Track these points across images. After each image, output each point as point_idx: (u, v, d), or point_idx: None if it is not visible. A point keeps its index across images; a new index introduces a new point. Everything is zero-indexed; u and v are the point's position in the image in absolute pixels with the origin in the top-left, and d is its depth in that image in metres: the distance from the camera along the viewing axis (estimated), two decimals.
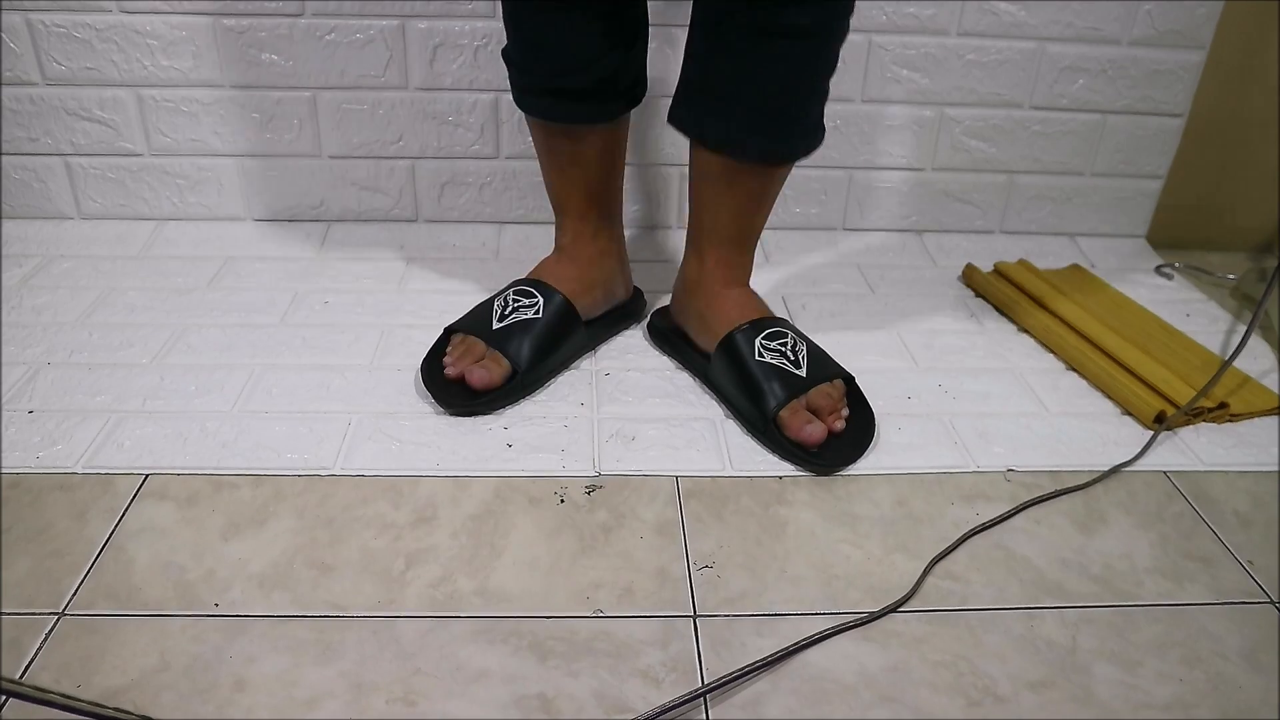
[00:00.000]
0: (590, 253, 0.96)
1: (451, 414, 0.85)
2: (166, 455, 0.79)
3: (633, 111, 0.92)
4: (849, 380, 0.87)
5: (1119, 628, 0.67)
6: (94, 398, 0.86)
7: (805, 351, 0.86)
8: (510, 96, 0.90)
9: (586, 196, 0.94)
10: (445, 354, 0.90)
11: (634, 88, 0.91)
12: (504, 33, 0.88)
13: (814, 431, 0.80)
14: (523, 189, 1.18)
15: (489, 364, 0.86)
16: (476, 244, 1.17)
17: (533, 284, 0.92)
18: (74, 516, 0.72)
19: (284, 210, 1.18)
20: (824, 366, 0.85)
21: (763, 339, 0.85)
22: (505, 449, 0.81)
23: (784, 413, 0.81)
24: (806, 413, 0.82)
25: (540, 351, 0.88)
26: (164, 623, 0.64)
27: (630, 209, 1.20)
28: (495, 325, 0.89)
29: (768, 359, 0.84)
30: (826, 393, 0.84)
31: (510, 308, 0.90)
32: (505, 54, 0.89)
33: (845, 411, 0.84)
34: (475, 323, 0.91)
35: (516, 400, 0.87)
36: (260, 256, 1.12)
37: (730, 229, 0.88)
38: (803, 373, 0.83)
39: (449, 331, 0.91)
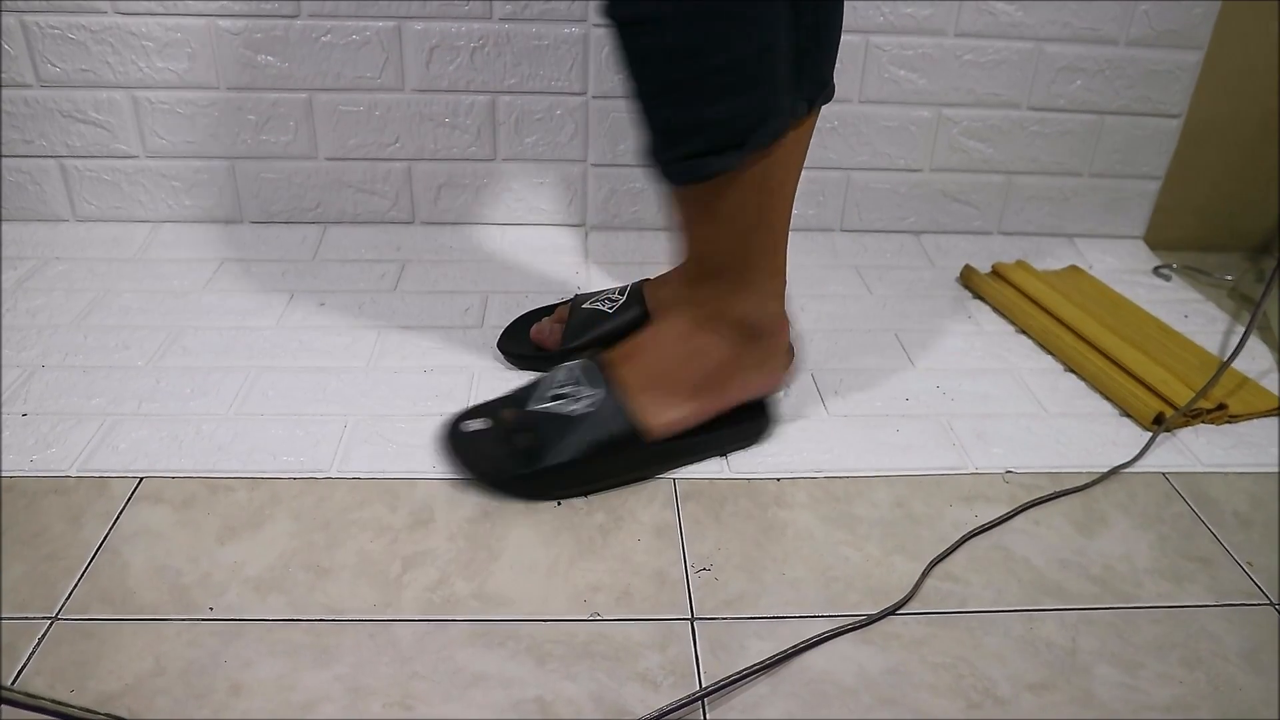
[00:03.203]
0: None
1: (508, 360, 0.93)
2: (162, 458, 0.79)
3: None
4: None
5: (1119, 629, 0.67)
6: (89, 400, 0.85)
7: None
8: (505, 100, 0.90)
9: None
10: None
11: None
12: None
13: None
14: (519, 191, 1.18)
15: (554, 326, 0.92)
16: (473, 246, 1.17)
17: (630, 290, 0.94)
18: (68, 520, 0.72)
19: (280, 212, 1.18)
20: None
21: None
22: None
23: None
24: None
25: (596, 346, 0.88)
26: (159, 627, 0.64)
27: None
28: (583, 305, 0.94)
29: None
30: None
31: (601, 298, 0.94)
32: None
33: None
34: (580, 295, 0.95)
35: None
36: (256, 259, 1.12)
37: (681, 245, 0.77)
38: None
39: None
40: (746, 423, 0.83)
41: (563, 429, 0.76)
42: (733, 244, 0.72)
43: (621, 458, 0.77)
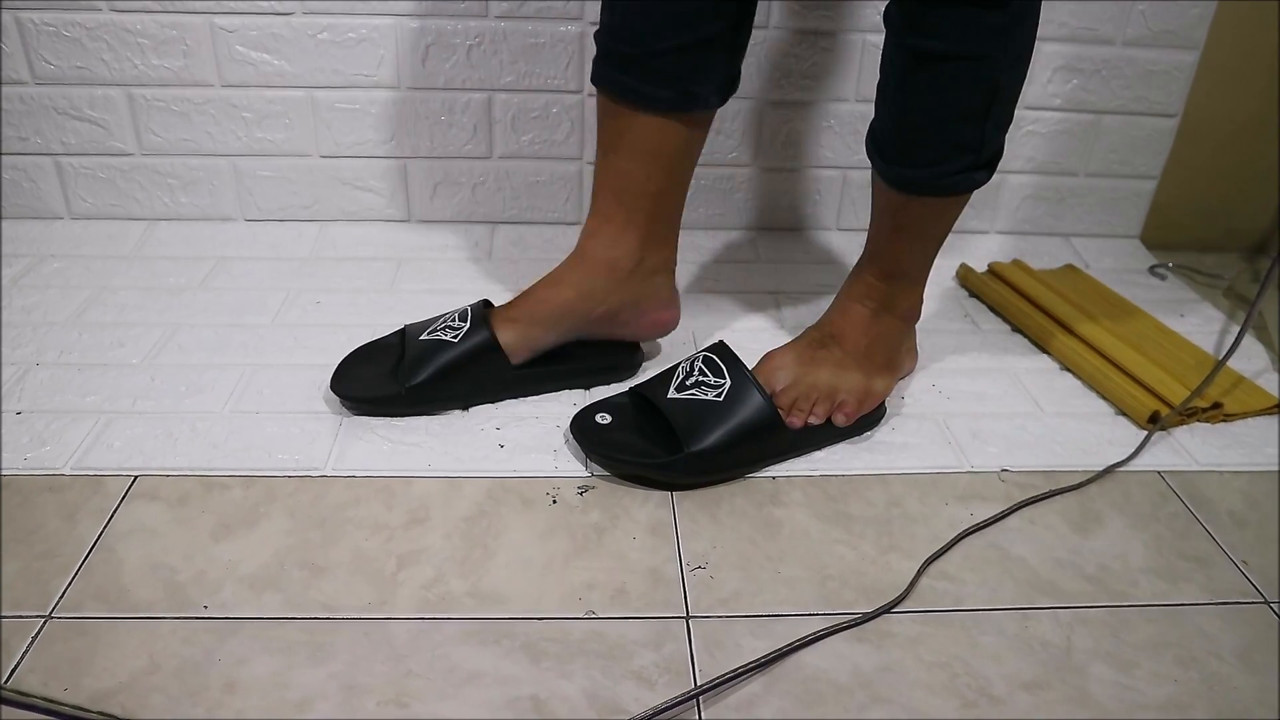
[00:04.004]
0: (602, 258, 0.86)
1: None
2: (157, 456, 0.79)
3: None
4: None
5: (1114, 628, 0.67)
6: (84, 398, 0.85)
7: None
8: (502, 98, 0.89)
9: (615, 195, 0.85)
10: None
11: (695, 83, 0.81)
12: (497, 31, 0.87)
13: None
14: (515, 189, 1.18)
15: None
16: (469, 244, 1.16)
17: (473, 311, 0.88)
18: (63, 518, 0.72)
19: (276, 210, 1.17)
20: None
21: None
22: (498, 450, 0.81)
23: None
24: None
25: (440, 377, 0.84)
26: (154, 624, 0.63)
27: None
28: (421, 335, 0.87)
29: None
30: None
31: (440, 325, 0.88)
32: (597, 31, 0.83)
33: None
34: (414, 326, 0.89)
35: (401, 414, 0.85)
36: (252, 256, 1.12)
37: (873, 249, 0.87)
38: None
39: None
40: (862, 418, 0.85)
41: (706, 416, 0.78)
42: (929, 250, 0.85)
43: (763, 445, 0.80)
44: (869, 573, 0.71)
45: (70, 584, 0.66)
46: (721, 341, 0.84)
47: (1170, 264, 1.20)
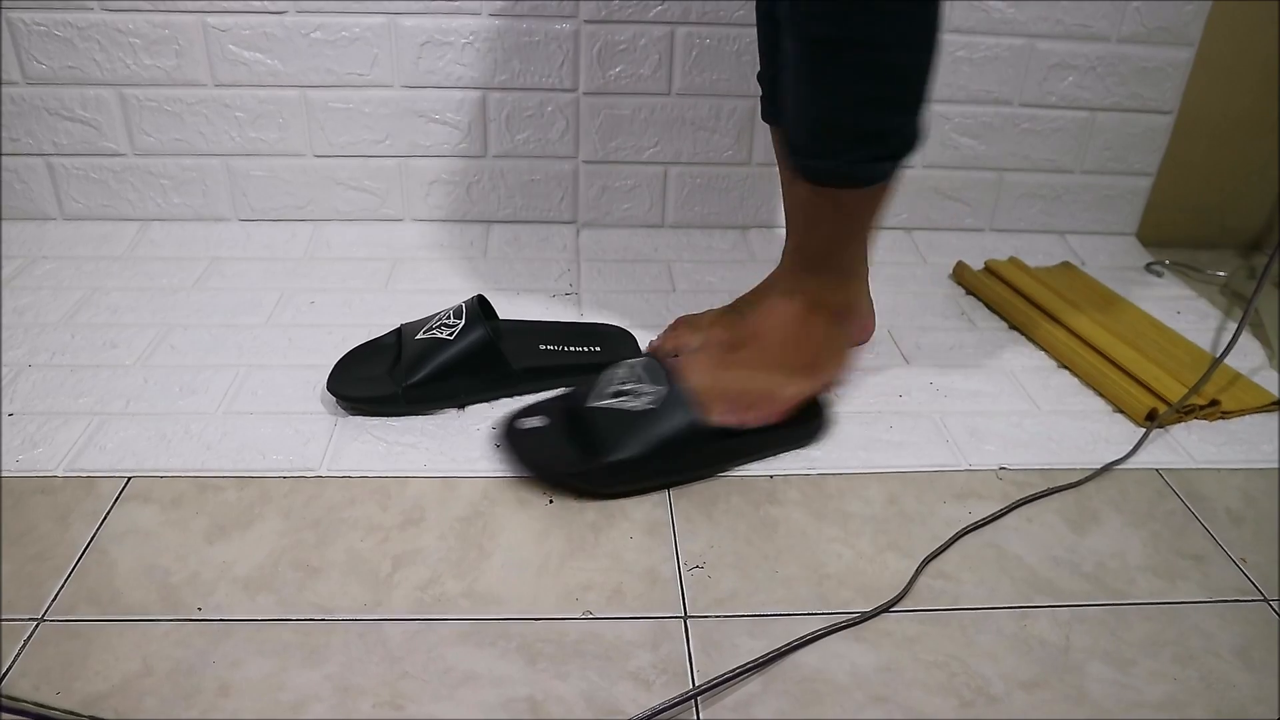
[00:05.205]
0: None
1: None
2: (150, 457, 0.78)
3: None
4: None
5: (1111, 626, 0.67)
6: (76, 400, 0.85)
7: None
8: (496, 97, 0.89)
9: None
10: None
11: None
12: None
13: None
14: (510, 188, 1.18)
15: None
16: (464, 244, 1.16)
17: (468, 307, 0.88)
18: (55, 520, 0.71)
19: (270, 210, 1.17)
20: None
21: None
22: (494, 449, 0.81)
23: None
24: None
25: (438, 376, 0.84)
26: (147, 627, 0.63)
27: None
28: (417, 335, 0.87)
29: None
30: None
31: (436, 323, 0.87)
32: None
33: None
34: (410, 325, 0.89)
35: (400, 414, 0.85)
36: (246, 257, 1.11)
37: (794, 243, 0.86)
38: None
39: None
40: (803, 424, 0.83)
41: (626, 425, 0.76)
42: (852, 241, 0.82)
43: (685, 455, 0.77)
44: (866, 572, 0.70)
45: (63, 587, 0.66)
46: (650, 355, 0.83)
47: (1166, 261, 1.20)
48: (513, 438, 0.79)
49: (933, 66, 0.72)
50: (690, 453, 0.77)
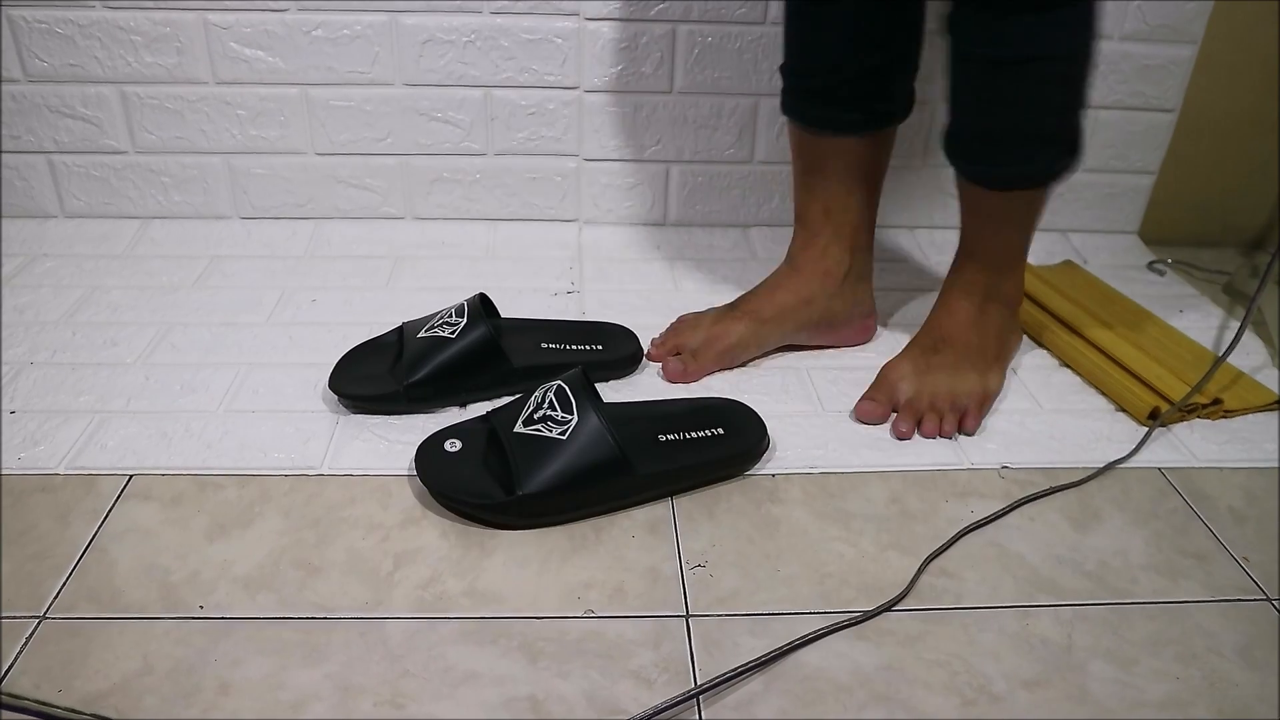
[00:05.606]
0: (815, 268, 0.94)
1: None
2: (151, 456, 0.78)
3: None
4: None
5: (1114, 625, 0.66)
6: (77, 398, 0.85)
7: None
8: (498, 94, 0.89)
9: (822, 211, 0.93)
10: None
11: (881, 102, 0.89)
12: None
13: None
14: (512, 186, 1.17)
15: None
16: (466, 241, 1.16)
17: (469, 305, 0.88)
18: (56, 518, 0.71)
19: (271, 208, 1.17)
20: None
21: None
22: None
23: None
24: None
25: (439, 375, 0.84)
26: (147, 625, 0.63)
27: None
28: (419, 333, 0.87)
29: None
30: None
31: (438, 321, 0.87)
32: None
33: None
34: (412, 324, 0.89)
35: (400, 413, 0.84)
36: (247, 255, 1.11)
37: (968, 244, 0.89)
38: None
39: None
40: (737, 455, 0.79)
41: (543, 454, 0.73)
42: (1021, 238, 0.87)
43: (602, 486, 0.73)
44: (868, 570, 0.70)
45: (64, 585, 0.66)
46: (579, 370, 0.78)
47: (1169, 260, 1.20)
48: (432, 461, 0.75)
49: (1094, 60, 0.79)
50: (612, 485, 0.73)
